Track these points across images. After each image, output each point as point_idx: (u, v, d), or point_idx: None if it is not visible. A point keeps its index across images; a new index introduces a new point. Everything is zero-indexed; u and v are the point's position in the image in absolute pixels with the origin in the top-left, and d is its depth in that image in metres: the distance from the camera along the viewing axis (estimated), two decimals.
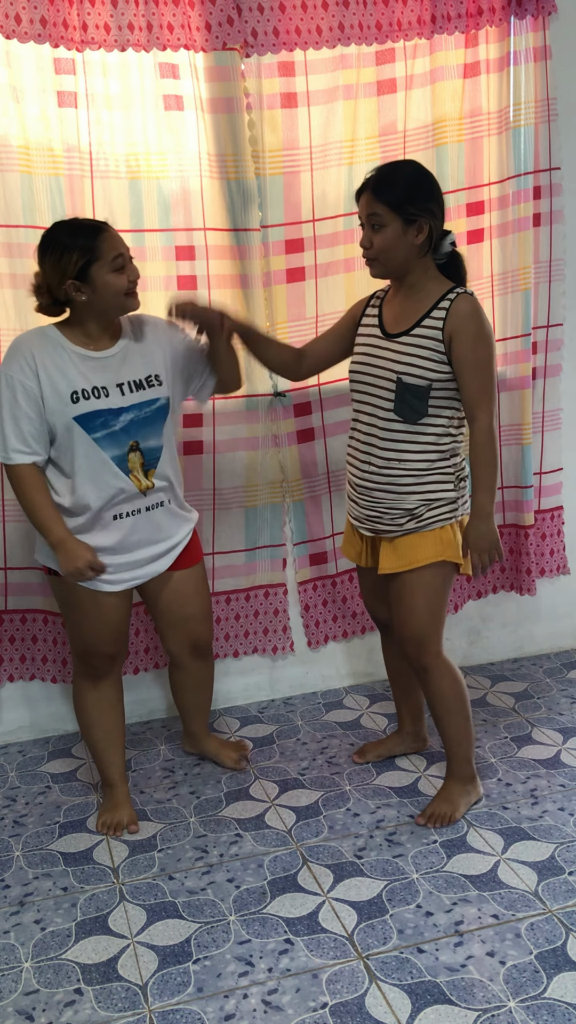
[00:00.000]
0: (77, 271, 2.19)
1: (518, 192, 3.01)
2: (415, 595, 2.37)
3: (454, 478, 2.35)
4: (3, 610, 2.93)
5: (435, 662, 2.42)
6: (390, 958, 1.99)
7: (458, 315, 2.24)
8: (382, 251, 2.26)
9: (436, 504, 2.33)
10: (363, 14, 2.79)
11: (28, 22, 2.54)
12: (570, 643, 3.56)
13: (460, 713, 2.46)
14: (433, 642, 2.41)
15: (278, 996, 1.90)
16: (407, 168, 2.29)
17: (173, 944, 2.07)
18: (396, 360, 2.30)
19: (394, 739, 2.82)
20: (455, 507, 2.35)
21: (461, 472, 2.37)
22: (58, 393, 2.23)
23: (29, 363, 2.22)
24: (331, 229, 2.92)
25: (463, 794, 2.50)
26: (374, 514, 2.39)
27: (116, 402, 2.29)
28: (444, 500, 2.34)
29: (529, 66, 2.96)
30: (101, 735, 2.53)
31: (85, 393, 2.25)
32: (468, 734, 2.48)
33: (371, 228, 2.26)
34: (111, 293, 2.23)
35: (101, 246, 2.20)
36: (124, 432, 2.30)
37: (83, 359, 2.28)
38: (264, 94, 2.76)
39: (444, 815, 2.47)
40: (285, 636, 3.17)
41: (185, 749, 2.89)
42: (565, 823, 2.44)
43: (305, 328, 2.95)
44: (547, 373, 3.23)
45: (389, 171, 2.28)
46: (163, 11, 2.63)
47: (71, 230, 2.22)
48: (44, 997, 1.93)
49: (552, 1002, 1.84)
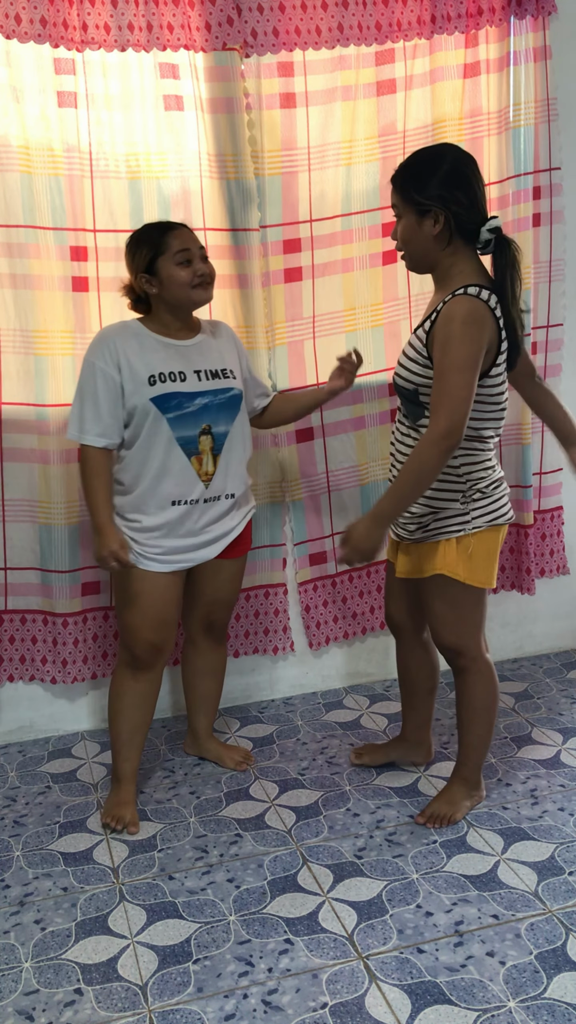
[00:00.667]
0: (146, 265, 2.36)
1: (518, 192, 3.01)
2: (435, 602, 2.35)
3: (464, 491, 2.26)
4: (3, 610, 2.93)
5: (472, 665, 2.38)
6: (390, 958, 1.99)
7: (443, 317, 2.10)
8: (403, 243, 2.22)
9: (443, 515, 2.27)
10: (363, 14, 2.79)
11: (28, 22, 2.54)
12: (570, 643, 3.56)
13: (485, 722, 2.43)
14: (468, 647, 2.36)
15: (278, 996, 1.90)
16: (426, 154, 2.18)
17: (173, 944, 2.07)
18: (398, 361, 2.31)
19: (394, 745, 2.78)
20: (465, 520, 2.27)
21: (478, 484, 2.26)
22: (137, 378, 2.35)
23: (112, 353, 2.35)
24: (329, 230, 2.92)
25: (466, 796, 2.50)
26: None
27: (192, 386, 2.40)
28: (451, 512, 2.27)
29: (529, 66, 2.96)
30: (126, 729, 2.55)
31: (162, 376, 2.37)
32: (486, 742, 2.46)
33: (396, 218, 2.23)
34: (176, 284, 2.36)
35: (168, 241, 2.36)
36: (198, 415, 2.40)
37: (163, 346, 2.42)
38: (263, 94, 2.76)
39: (444, 816, 2.46)
40: (285, 636, 3.17)
41: (186, 751, 2.89)
42: (565, 823, 2.44)
43: (303, 328, 2.95)
44: (547, 373, 3.24)
45: (411, 159, 2.19)
46: (163, 11, 2.63)
47: (147, 228, 2.42)
48: (44, 997, 1.93)
49: (552, 1002, 1.84)
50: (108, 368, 2.34)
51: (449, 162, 2.13)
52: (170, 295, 2.38)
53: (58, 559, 2.86)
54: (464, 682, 2.41)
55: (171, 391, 2.37)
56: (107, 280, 2.75)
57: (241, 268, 2.84)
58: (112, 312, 2.77)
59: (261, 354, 2.91)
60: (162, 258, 2.35)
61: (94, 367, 2.35)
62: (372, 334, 3.02)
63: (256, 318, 2.89)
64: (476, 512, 2.27)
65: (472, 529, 2.27)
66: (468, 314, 2.07)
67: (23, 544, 2.88)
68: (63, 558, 2.86)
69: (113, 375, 2.34)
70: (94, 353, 2.37)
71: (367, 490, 3.14)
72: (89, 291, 2.75)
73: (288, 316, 2.94)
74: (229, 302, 2.87)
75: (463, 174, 2.13)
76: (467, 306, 2.08)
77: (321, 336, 2.98)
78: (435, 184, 2.10)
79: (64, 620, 2.91)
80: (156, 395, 2.35)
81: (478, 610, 2.36)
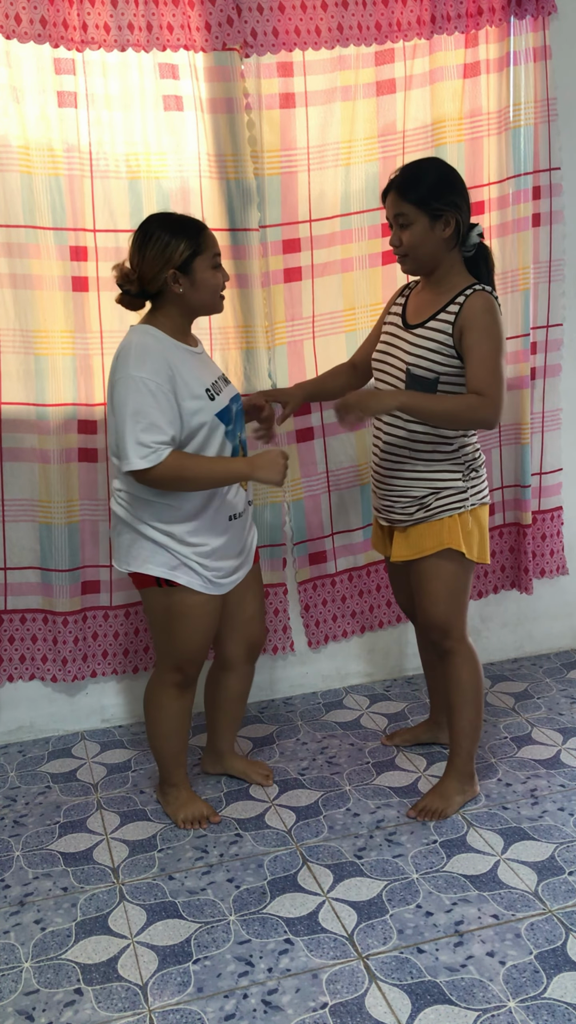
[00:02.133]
0: (182, 261, 2.17)
1: (517, 192, 3.01)
2: (431, 582, 2.42)
3: (463, 468, 2.39)
4: (3, 610, 2.93)
5: (458, 646, 2.46)
6: (390, 958, 1.99)
7: (471, 310, 2.27)
8: (412, 248, 2.30)
9: (445, 493, 2.37)
10: (362, 14, 2.79)
11: (28, 22, 2.54)
12: (570, 643, 3.56)
13: (474, 705, 2.49)
14: (455, 627, 2.45)
15: (278, 996, 1.90)
16: (430, 165, 2.33)
17: (173, 944, 2.07)
18: (408, 351, 2.35)
19: (423, 727, 2.87)
20: (464, 496, 2.38)
21: (472, 463, 2.41)
22: (195, 393, 2.20)
23: (162, 367, 2.15)
24: (328, 230, 2.92)
25: (459, 791, 2.51)
26: (387, 503, 2.46)
27: (227, 395, 2.33)
28: (453, 490, 2.37)
29: (529, 66, 2.96)
30: (177, 742, 2.50)
31: (215, 388, 2.28)
32: (476, 728, 2.51)
33: (399, 227, 2.31)
34: (208, 289, 2.24)
35: (206, 241, 2.22)
36: (238, 422, 2.35)
37: (191, 355, 2.28)
38: (263, 94, 2.76)
39: (436, 810, 2.48)
40: (285, 636, 3.17)
41: (207, 770, 2.75)
42: (565, 823, 2.44)
43: (302, 327, 2.95)
44: (547, 373, 3.24)
45: (412, 170, 2.31)
46: (163, 11, 2.63)
47: (176, 222, 2.21)
48: (44, 997, 1.93)
49: (552, 1002, 1.84)
50: (162, 383, 2.13)
51: (451, 171, 2.31)
52: (198, 299, 2.23)
53: (58, 558, 2.86)
54: (452, 664, 2.47)
55: (224, 403, 2.27)
56: (107, 280, 2.75)
57: (241, 268, 2.84)
58: (113, 312, 2.76)
59: (261, 354, 2.91)
60: (200, 258, 2.19)
61: (142, 382, 2.11)
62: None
63: (256, 318, 2.89)
64: (473, 489, 2.40)
65: (471, 506, 2.39)
66: (492, 308, 2.28)
67: (23, 544, 2.88)
68: (63, 557, 2.86)
69: (167, 391, 2.14)
70: (138, 367, 2.13)
71: (367, 490, 3.14)
72: (89, 291, 2.75)
73: (288, 316, 2.94)
74: (229, 302, 2.86)
75: (461, 183, 2.31)
76: (488, 301, 2.28)
77: (321, 336, 2.99)
78: (447, 190, 2.27)
79: (64, 619, 2.91)
80: (219, 409, 2.24)
81: (467, 589, 2.46)
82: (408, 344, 2.36)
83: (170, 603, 2.32)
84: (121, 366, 2.16)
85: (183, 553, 2.27)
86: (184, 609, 2.33)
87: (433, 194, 2.25)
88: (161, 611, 2.35)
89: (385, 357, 2.43)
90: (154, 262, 2.17)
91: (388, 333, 2.45)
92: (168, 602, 2.33)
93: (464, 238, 2.32)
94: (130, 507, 2.28)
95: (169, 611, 2.34)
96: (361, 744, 2.90)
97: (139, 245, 2.20)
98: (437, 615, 2.43)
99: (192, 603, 2.32)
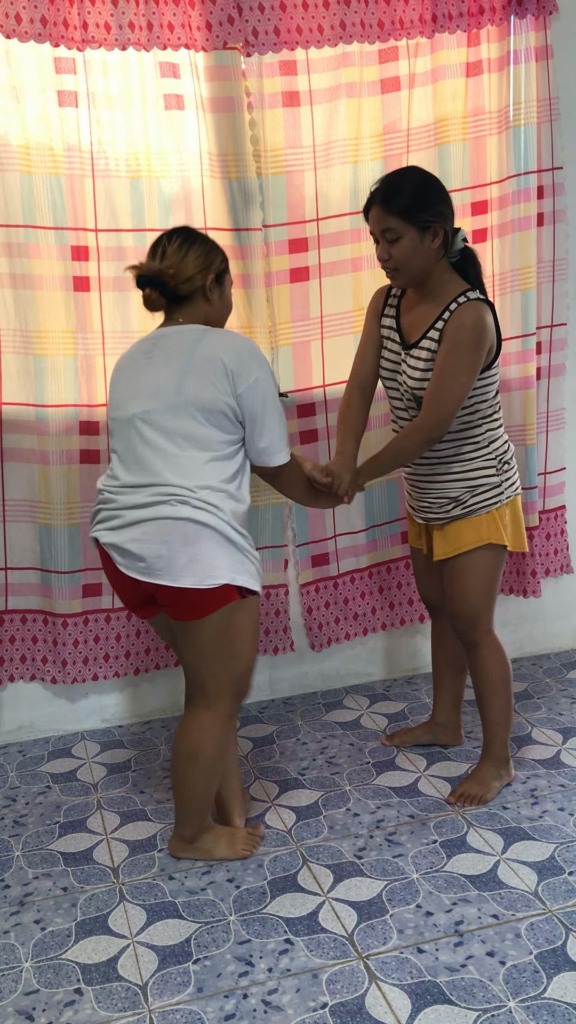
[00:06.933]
0: (219, 271, 2.18)
1: (518, 192, 3.01)
2: (465, 576, 2.45)
3: (496, 462, 2.42)
4: (3, 610, 2.93)
5: (485, 639, 2.50)
6: (390, 958, 1.99)
7: (453, 324, 2.26)
8: (402, 262, 2.28)
9: (480, 490, 2.41)
10: (364, 12, 2.78)
11: (28, 21, 2.54)
12: (570, 643, 3.56)
13: (503, 695, 2.52)
14: (483, 619, 2.48)
15: (278, 996, 1.90)
16: (412, 176, 2.30)
17: (173, 944, 2.06)
18: (409, 375, 2.37)
19: (424, 728, 2.86)
20: (500, 491, 2.42)
21: (503, 456, 2.43)
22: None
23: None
24: (336, 228, 2.91)
25: (496, 776, 2.55)
26: (424, 504, 2.49)
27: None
28: (488, 485, 2.41)
29: (530, 65, 2.96)
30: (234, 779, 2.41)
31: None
32: (508, 716, 2.54)
33: (387, 242, 2.27)
34: (227, 306, 2.26)
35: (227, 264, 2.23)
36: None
37: None
38: (265, 93, 2.76)
39: (476, 796, 2.52)
40: (286, 636, 3.17)
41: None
42: (565, 823, 2.43)
43: (310, 328, 2.94)
44: (551, 373, 3.23)
45: (394, 182, 2.28)
46: (163, 10, 2.63)
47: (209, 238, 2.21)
48: (44, 997, 1.93)
49: (552, 1002, 1.84)
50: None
51: (434, 181, 2.29)
52: (219, 312, 2.22)
53: (58, 560, 2.86)
54: (479, 656, 2.51)
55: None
56: (108, 280, 2.75)
57: (244, 268, 2.84)
58: (114, 312, 2.77)
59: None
60: (227, 276, 2.22)
61: (272, 376, 2.15)
62: None
63: (259, 319, 2.88)
64: (508, 482, 2.44)
65: (506, 499, 2.43)
66: (477, 320, 2.25)
67: (23, 544, 2.88)
68: (63, 559, 2.86)
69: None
70: (264, 364, 2.13)
71: (370, 492, 3.13)
72: (91, 291, 2.75)
73: (294, 316, 2.92)
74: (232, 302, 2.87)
75: (444, 189, 2.30)
76: (477, 312, 2.26)
77: (329, 337, 2.97)
78: (434, 201, 2.25)
79: (64, 621, 2.91)
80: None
81: (498, 583, 2.51)
82: (409, 368, 2.38)
83: (245, 616, 2.14)
84: (258, 363, 2.11)
85: (254, 555, 2.16)
86: (254, 618, 2.18)
87: (420, 205, 2.22)
88: (232, 629, 2.13)
89: (391, 382, 2.48)
90: (196, 263, 2.13)
91: (389, 351, 2.46)
92: (242, 616, 2.14)
93: (451, 245, 2.31)
94: (220, 511, 2.07)
95: (242, 627, 2.15)
96: (361, 744, 2.90)
97: (180, 245, 2.14)
98: (466, 607, 2.47)
99: (257, 610, 2.19)
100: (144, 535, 2.06)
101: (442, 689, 2.82)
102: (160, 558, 2.04)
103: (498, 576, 2.49)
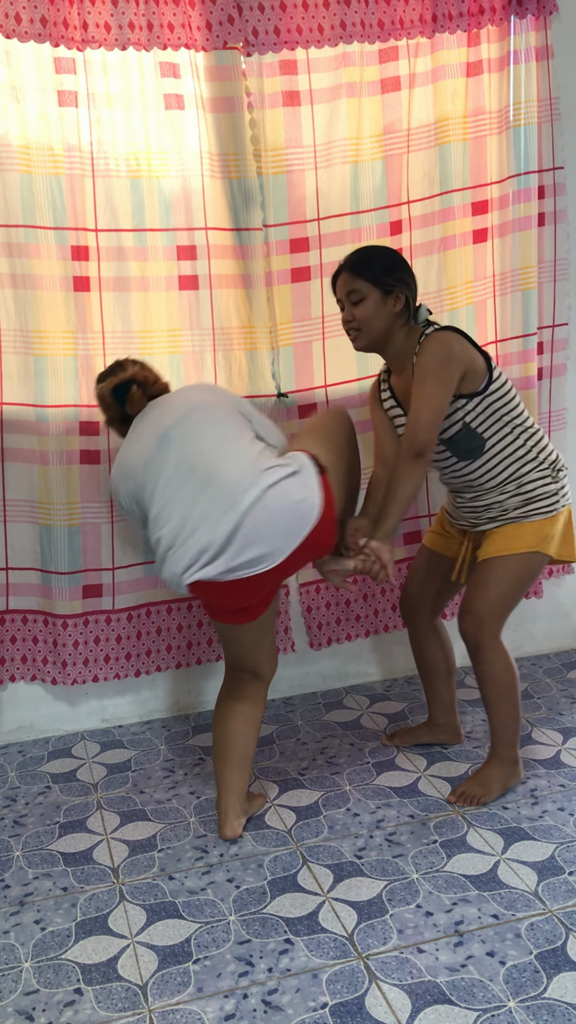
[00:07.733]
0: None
1: (519, 191, 3.01)
2: (496, 576, 2.45)
3: (549, 469, 2.46)
4: (4, 610, 2.93)
5: (489, 643, 2.48)
6: (390, 958, 1.99)
7: (422, 352, 2.36)
8: (364, 322, 2.40)
9: (538, 497, 2.44)
10: (364, 12, 2.78)
11: (28, 21, 2.54)
12: (570, 643, 3.56)
13: (509, 698, 2.51)
14: (491, 624, 2.47)
15: (278, 996, 1.90)
16: (379, 248, 2.50)
17: (173, 944, 2.06)
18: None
19: (424, 728, 2.86)
20: (556, 499, 2.45)
21: (556, 462, 2.48)
22: None
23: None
24: (337, 228, 2.91)
25: (501, 777, 2.54)
26: (474, 515, 2.53)
27: None
28: (545, 493, 2.44)
29: (531, 65, 2.96)
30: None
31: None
32: (516, 718, 2.53)
33: (351, 304, 2.41)
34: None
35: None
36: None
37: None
38: (266, 93, 2.76)
39: (476, 796, 2.51)
40: (286, 637, 3.17)
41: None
42: (565, 823, 2.43)
43: (311, 328, 2.94)
44: (552, 373, 3.24)
45: (363, 252, 2.45)
46: (164, 10, 2.63)
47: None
48: (44, 997, 1.93)
49: (552, 1002, 1.84)
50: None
51: (398, 255, 2.47)
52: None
53: (58, 560, 2.86)
54: (483, 661, 2.49)
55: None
56: (108, 280, 2.75)
57: (244, 268, 2.84)
58: (114, 312, 2.77)
59: (264, 355, 2.91)
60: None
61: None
62: None
63: (260, 318, 2.88)
64: (563, 490, 2.48)
65: (561, 507, 2.46)
66: (435, 340, 2.36)
67: (23, 544, 2.88)
68: (63, 559, 2.86)
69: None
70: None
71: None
72: (91, 291, 2.75)
73: (295, 316, 2.92)
74: (233, 302, 2.87)
75: (407, 265, 2.46)
76: (436, 336, 2.37)
77: (330, 337, 2.97)
78: (397, 269, 2.41)
79: (64, 622, 2.91)
80: None
81: (524, 591, 2.50)
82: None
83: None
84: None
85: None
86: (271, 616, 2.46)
87: (384, 270, 2.37)
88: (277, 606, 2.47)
89: None
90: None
91: (399, 423, 2.54)
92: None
93: (414, 314, 2.43)
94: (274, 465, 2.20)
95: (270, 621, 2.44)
96: (361, 744, 2.90)
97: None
98: (480, 606, 2.46)
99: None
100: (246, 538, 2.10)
101: (434, 694, 2.82)
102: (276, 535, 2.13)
103: (526, 586, 2.48)
